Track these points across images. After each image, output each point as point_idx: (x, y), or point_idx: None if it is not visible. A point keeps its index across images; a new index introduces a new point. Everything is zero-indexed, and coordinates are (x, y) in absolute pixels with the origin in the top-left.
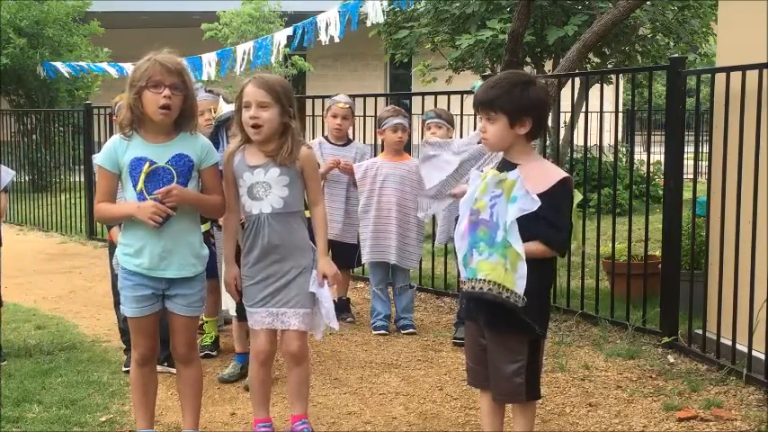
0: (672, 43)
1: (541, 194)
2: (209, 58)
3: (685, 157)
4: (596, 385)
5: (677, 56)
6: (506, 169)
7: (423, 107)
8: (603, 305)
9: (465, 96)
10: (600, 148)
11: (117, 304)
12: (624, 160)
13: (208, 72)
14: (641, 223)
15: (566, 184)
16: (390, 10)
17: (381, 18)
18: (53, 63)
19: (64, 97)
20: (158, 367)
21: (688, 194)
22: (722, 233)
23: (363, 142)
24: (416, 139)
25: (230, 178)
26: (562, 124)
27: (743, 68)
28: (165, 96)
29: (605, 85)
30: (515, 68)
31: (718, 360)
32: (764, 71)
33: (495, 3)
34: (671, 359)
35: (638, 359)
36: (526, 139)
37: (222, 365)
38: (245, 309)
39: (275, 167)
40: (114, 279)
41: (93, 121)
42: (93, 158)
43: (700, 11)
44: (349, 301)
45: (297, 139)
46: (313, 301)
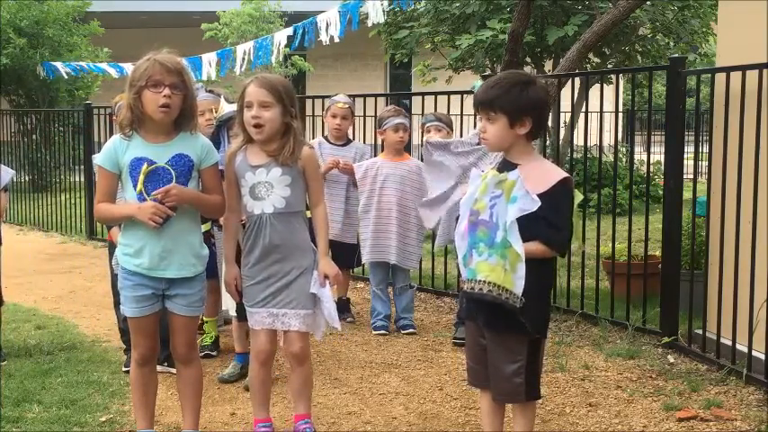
0: (672, 43)
1: (541, 194)
2: (209, 58)
3: (685, 157)
4: (596, 385)
5: (677, 56)
6: (507, 169)
7: (423, 107)
8: (603, 305)
9: (465, 96)
10: (600, 148)
11: (117, 304)
12: (624, 160)
13: (208, 72)
14: (641, 223)
15: (566, 184)
16: (390, 10)
17: (382, 18)
18: (53, 63)
19: (64, 97)
20: (158, 367)
21: (688, 194)
22: (722, 233)
23: (363, 142)
24: (416, 140)
25: (232, 178)
26: (562, 124)
27: (743, 68)
28: (164, 96)
29: (605, 85)
30: (515, 68)
31: (718, 360)
32: (764, 71)
33: (495, 3)
34: (671, 359)
35: (638, 359)
36: (526, 139)
37: (222, 365)
38: (245, 309)
39: (277, 167)
40: (114, 279)
41: (93, 121)
42: (93, 158)
43: (700, 11)
44: (349, 301)
45: (299, 138)
46: (314, 301)
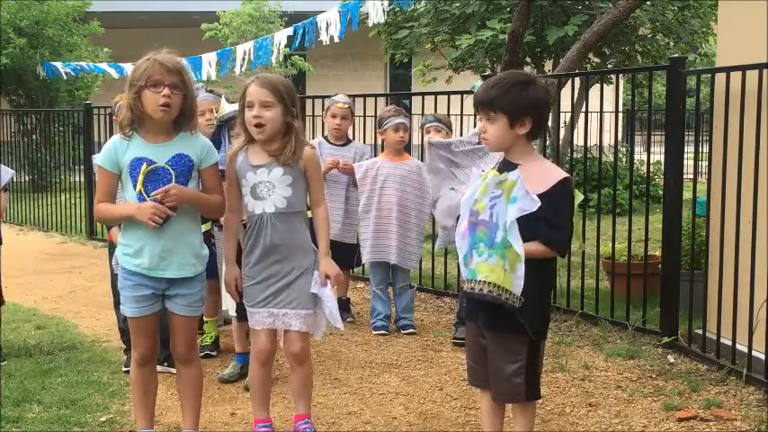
0: (672, 43)
1: (542, 195)
2: (209, 58)
3: (685, 157)
4: (596, 385)
5: (677, 56)
6: (507, 169)
7: (423, 107)
8: (603, 305)
9: (465, 96)
10: (600, 148)
11: (117, 304)
12: (624, 160)
13: (208, 72)
14: (641, 223)
15: (566, 184)
16: (390, 10)
17: (382, 18)
18: (53, 63)
19: (64, 97)
20: (158, 367)
21: (688, 194)
22: (722, 233)
23: (363, 142)
24: (416, 140)
25: (233, 178)
26: (562, 124)
27: (743, 68)
28: (164, 96)
29: (605, 85)
30: (515, 68)
31: (718, 360)
32: (764, 71)
33: (495, 3)
34: (671, 359)
35: (638, 359)
36: (527, 139)
37: (222, 365)
38: (245, 309)
39: (279, 167)
40: (114, 279)
41: (93, 121)
42: (93, 158)
43: (700, 11)
44: (349, 301)
45: (300, 138)
46: (314, 301)
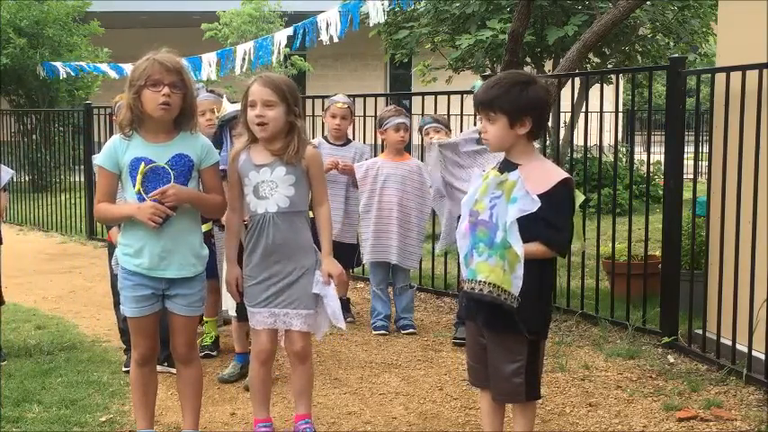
0: (672, 43)
1: (542, 195)
2: (209, 58)
3: (685, 157)
4: (596, 385)
5: (677, 56)
6: (508, 169)
7: (423, 107)
8: (603, 305)
9: (465, 96)
10: (600, 148)
11: (117, 304)
12: (624, 160)
13: (208, 72)
14: (641, 223)
15: (567, 184)
16: (390, 10)
17: (382, 18)
18: (53, 63)
19: (64, 97)
20: (158, 367)
21: (688, 194)
22: (722, 233)
23: (363, 142)
24: (416, 140)
25: (235, 177)
26: (562, 124)
27: (743, 68)
28: (164, 95)
29: (605, 85)
30: (515, 68)
31: (718, 360)
32: (764, 71)
33: (495, 3)
34: (671, 359)
35: (638, 359)
36: (527, 139)
37: (222, 365)
38: (245, 309)
39: (281, 166)
40: (114, 279)
41: (93, 121)
42: (93, 158)
43: (700, 11)
44: (349, 301)
45: (303, 138)
46: (315, 301)
